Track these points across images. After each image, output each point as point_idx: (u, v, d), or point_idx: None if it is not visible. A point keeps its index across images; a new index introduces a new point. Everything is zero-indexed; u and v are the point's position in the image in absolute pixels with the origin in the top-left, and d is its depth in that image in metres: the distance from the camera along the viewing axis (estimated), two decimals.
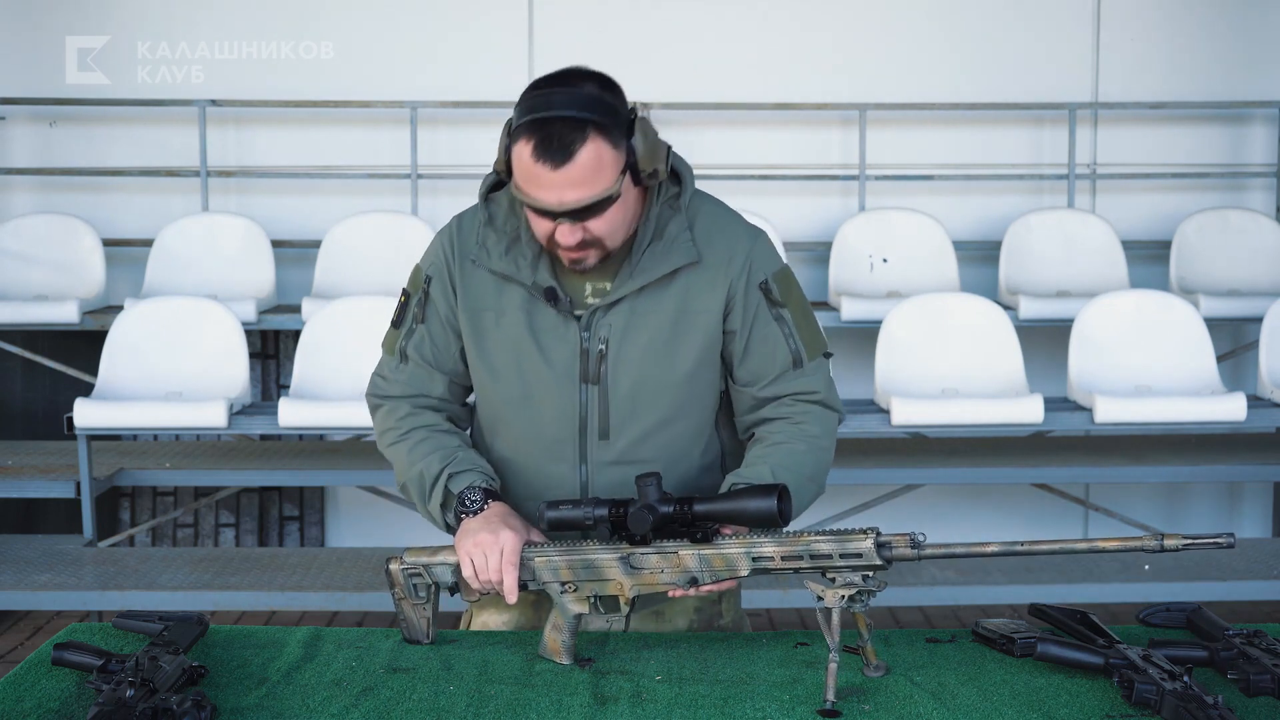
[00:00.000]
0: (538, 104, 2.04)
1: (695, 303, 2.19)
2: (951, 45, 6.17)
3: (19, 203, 6.07)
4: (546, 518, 2.09)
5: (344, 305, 5.06)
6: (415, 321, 2.27)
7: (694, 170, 2.27)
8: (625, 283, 2.17)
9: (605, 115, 2.03)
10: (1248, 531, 6.03)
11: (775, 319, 2.23)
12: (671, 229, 2.18)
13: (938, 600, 4.48)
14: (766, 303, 2.22)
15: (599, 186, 2.04)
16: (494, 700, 1.95)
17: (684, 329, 2.20)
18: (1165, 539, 1.83)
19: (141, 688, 1.82)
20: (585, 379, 2.20)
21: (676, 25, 6.13)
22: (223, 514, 6.00)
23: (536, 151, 2.02)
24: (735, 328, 2.22)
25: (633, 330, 2.18)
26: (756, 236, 2.24)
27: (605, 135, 2.03)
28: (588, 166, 2.02)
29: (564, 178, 2.01)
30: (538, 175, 2.02)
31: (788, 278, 2.26)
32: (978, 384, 4.98)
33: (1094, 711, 1.88)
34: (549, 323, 2.19)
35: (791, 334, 2.24)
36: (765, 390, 2.25)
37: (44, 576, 4.45)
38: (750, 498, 2.00)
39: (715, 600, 2.36)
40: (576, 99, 2.03)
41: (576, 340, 2.19)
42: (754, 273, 2.21)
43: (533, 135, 2.02)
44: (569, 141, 2.01)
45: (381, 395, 2.31)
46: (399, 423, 2.28)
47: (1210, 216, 6.00)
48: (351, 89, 6.02)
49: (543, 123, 2.02)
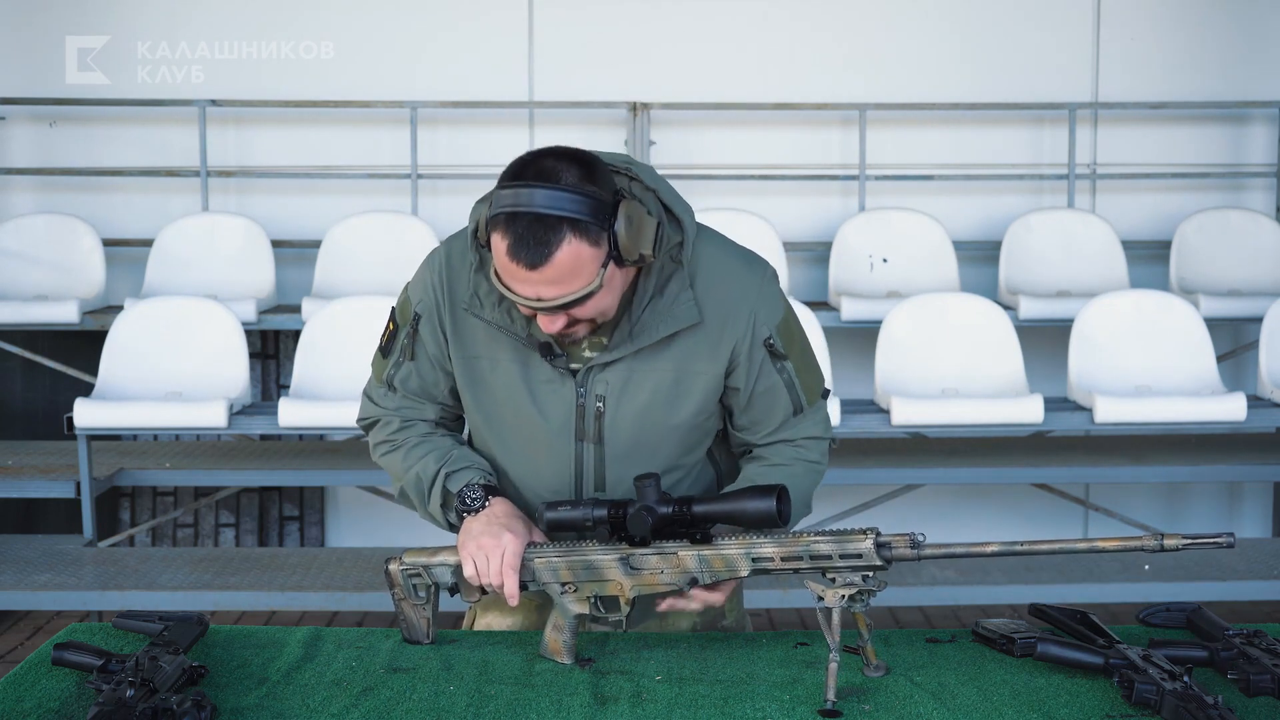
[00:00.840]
0: (515, 199, 1.95)
1: (695, 363, 2.15)
2: (951, 45, 6.17)
3: (19, 203, 6.07)
4: (545, 519, 2.09)
5: (344, 305, 5.06)
6: (403, 356, 2.23)
7: (692, 171, 2.25)
8: (624, 343, 2.12)
9: (584, 211, 1.94)
10: (1248, 531, 6.03)
11: (778, 371, 2.19)
12: (672, 287, 2.11)
13: (938, 600, 4.48)
14: (770, 357, 2.18)
15: (577, 285, 1.97)
16: (494, 700, 1.95)
17: (683, 389, 2.16)
18: (1165, 539, 1.83)
19: (141, 688, 1.82)
20: (581, 437, 2.17)
21: (676, 25, 6.13)
22: (223, 514, 6.00)
23: (511, 251, 1.94)
24: (739, 384, 2.18)
25: (631, 389, 2.15)
26: (761, 284, 2.18)
27: (583, 235, 1.95)
28: (564, 267, 1.95)
29: (540, 277, 1.96)
30: (513, 271, 1.97)
31: (789, 325, 2.21)
32: (978, 384, 4.98)
33: (1094, 711, 1.88)
34: (544, 375, 2.15)
35: (793, 383, 2.21)
36: (766, 438, 2.24)
37: (44, 576, 4.45)
38: (749, 498, 2.00)
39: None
40: (554, 197, 1.93)
41: (572, 396, 2.15)
42: (758, 330, 2.16)
43: (508, 232, 1.95)
44: (545, 243, 1.93)
45: (372, 417, 2.30)
46: (392, 435, 2.26)
47: (1210, 216, 6.00)
48: (351, 89, 6.02)
49: (518, 219, 1.94)
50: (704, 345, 2.15)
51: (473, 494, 2.17)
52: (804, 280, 6.06)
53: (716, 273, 2.16)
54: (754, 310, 2.16)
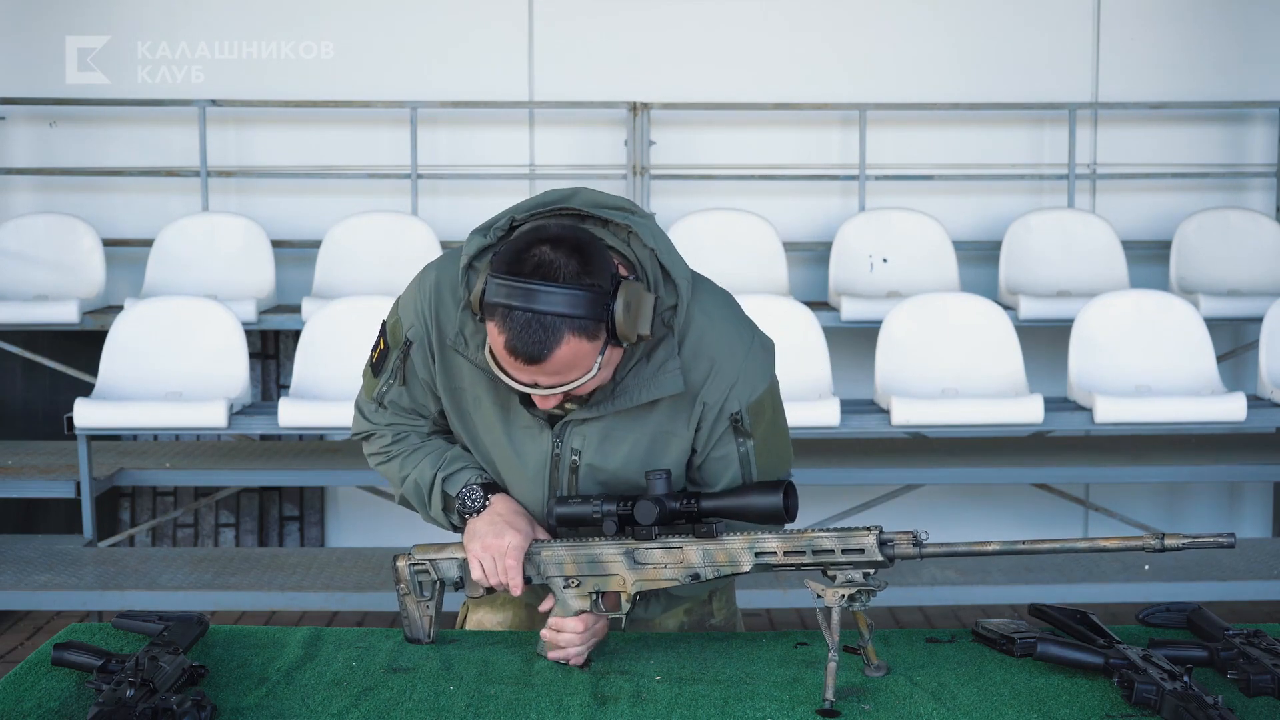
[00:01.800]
0: (512, 295, 1.92)
1: (672, 427, 2.14)
2: (951, 45, 6.17)
3: (19, 203, 6.07)
4: (555, 513, 2.10)
5: (344, 305, 5.06)
6: (394, 379, 2.22)
7: (692, 171, 2.25)
8: (605, 403, 2.10)
9: (582, 308, 1.92)
10: (1248, 531, 6.03)
11: (737, 445, 2.16)
12: (660, 354, 2.08)
13: (938, 600, 4.48)
14: (733, 431, 2.15)
15: (574, 375, 1.97)
16: (494, 700, 1.95)
17: (658, 450, 2.15)
18: (1166, 539, 1.83)
19: (141, 688, 1.82)
20: (555, 487, 2.17)
21: (677, 25, 6.13)
22: (223, 514, 6.00)
23: (509, 346, 1.93)
24: (698, 446, 2.16)
25: (608, 446, 2.14)
26: (746, 358, 2.14)
27: (581, 332, 1.93)
28: (564, 362, 1.95)
29: (538, 370, 1.95)
30: (510, 363, 1.96)
31: (762, 407, 2.16)
32: (978, 384, 4.98)
33: (1094, 711, 1.88)
34: (523, 421, 2.15)
35: (749, 460, 2.17)
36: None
37: (44, 576, 4.44)
38: (756, 493, 2.01)
39: (705, 600, 2.36)
40: (553, 298, 1.90)
41: (549, 446, 2.15)
42: (729, 404, 2.13)
43: (505, 327, 1.93)
44: (542, 342, 1.92)
45: (366, 431, 2.29)
46: (386, 448, 2.26)
47: (1210, 216, 6.00)
48: (351, 89, 6.02)
49: (514, 317, 1.92)
50: (682, 411, 2.13)
51: (472, 495, 2.17)
52: (804, 280, 6.06)
53: (705, 341, 2.11)
54: (731, 387, 2.12)
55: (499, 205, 2.19)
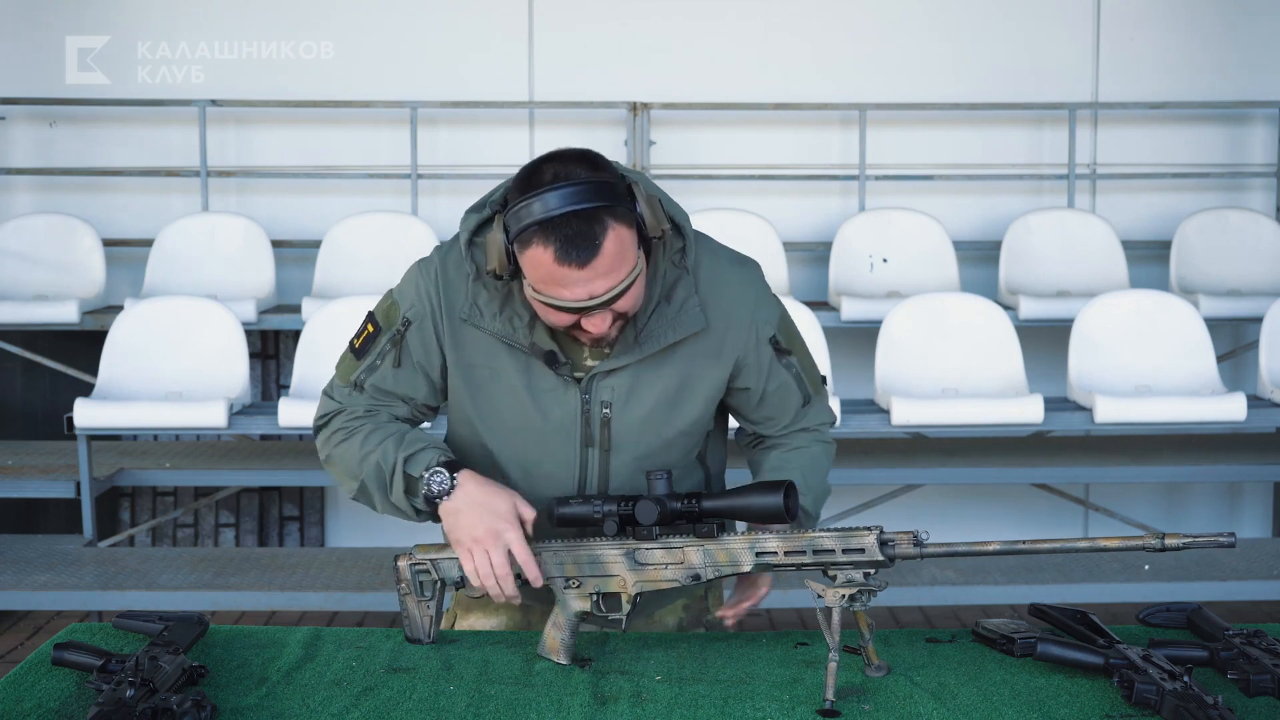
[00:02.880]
0: (543, 206, 1.93)
1: (699, 368, 2.16)
2: (952, 45, 6.17)
3: (19, 203, 6.07)
4: (556, 514, 2.10)
5: (344, 305, 5.06)
6: (380, 360, 2.19)
7: (692, 171, 2.26)
8: (630, 349, 2.12)
9: (611, 196, 1.95)
10: (1248, 531, 6.03)
11: (786, 367, 2.23)
12: (679, 293, 2.12)
13: (938, 600, 4.48)
14: (776, 354, 2.21)
15: (625, 270, 1.97)
16: (494, 700, 1.95)
17: (686, 394, 2.18)
18: (1166, 538, 1.83)
19: (141, 688, 1.82)
20: (587, 443, 2.17)
21: (676, 25, 6.13)
22: (223, 514, 6.00)
23: (560, 254, 1.92)
24: (749, 384, 2.21)
25: (636, 396, 2.15)
26: (756, 285, 2.21)
27: (620, 218, 1.95)
28: (614, 255, 1.95)
29: (592, 272, 1.94)
30: (563, 276, 1.94)
31: (787, 320, 2.25)
32: (978, 384, 4.98)
33: (1094, 711, 1.88)
34: (548, 383, 2.14)
35: (800, 377, 2.25)
36: (780, 430, 2.29)
37: (44, 576, 4.45)
38: (757, 493, 2.02)
39: (702, 595, 2.37)
40: (580, 191, 1.93)
41: (577, 403, 2.15)
42: (761, 331, 2.19)
43: (549, 238, 1.93)
44: (590, 235, 1.92)
45: (332, 412, 2.23)
46: (348, 422, 2.20)
47: (1210, 216, 6.00)
48: (351, 89, 6.02)
49: (554, 223, 1.92)
50: (707, 350, 2.16)
51: (437, 478, 2.10)
52: (804, 280, 6.06)
53: (716, 278, 2.17)
54: (754, 312, 2.19)
55: None
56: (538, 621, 2.29)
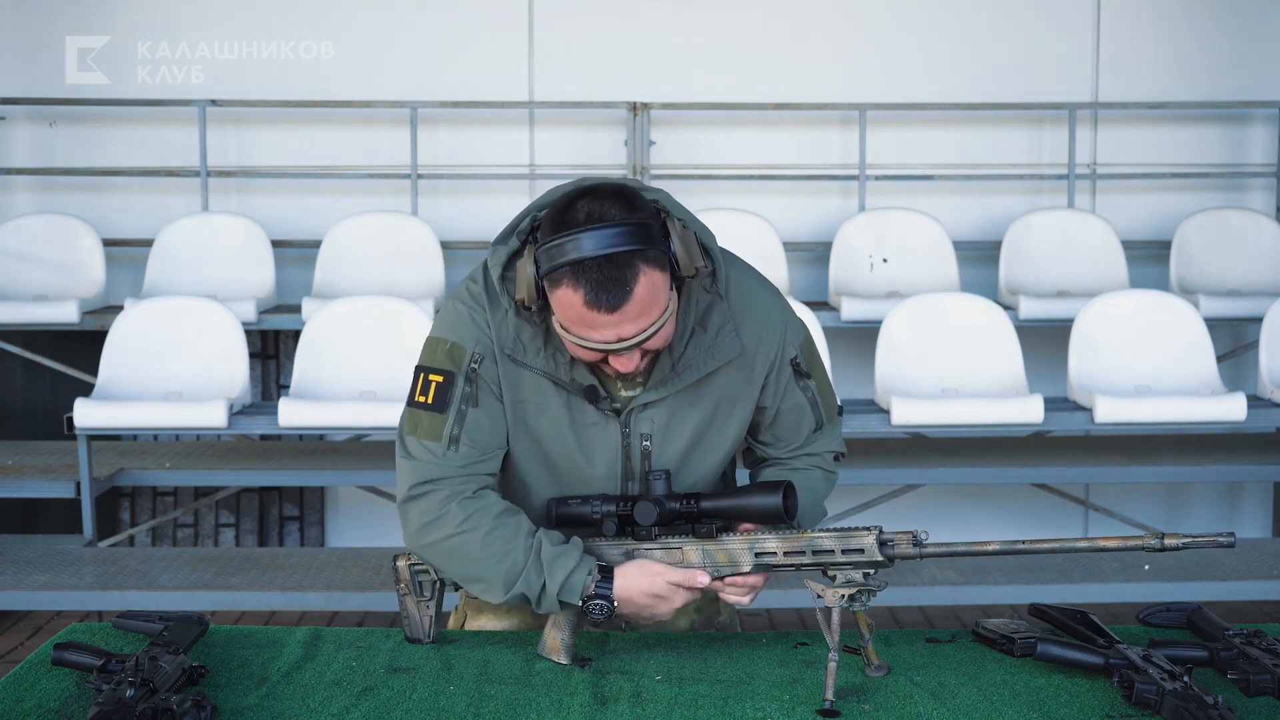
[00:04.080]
0: (576, 248, 1.90)
1: (733, 391, 2.16)
2: (952, 45, 6.17)
3: (19, 203, 6.07)
4: (554, 514, 2.10)
5: (344, 305, 5.06)
6: (464, 404, 2.09)
7: (692, 171, 2.26)
8: (669, 380, 2.10)
9: (645, 239, 1.92)
10: (1248, 531, 6.03)
11: (802, 390, 2.23)
12: (715, 319, 2.10)
13: (938, 600, 4.48)
14: (795, 376, 2.21)
15: (656, 314, 1.96)
16: (494, 700, 1.95)
17: (722, 418, 2.17)
18: (1165, 538, 1.83)
19: (141, 688, 1.82)
20: (629, 477, 2.16)
21: (676, 25, 6.13)
22: (223, 514, 6.00)
23: (589, 299, 1.90)
24: (766, 403, 2.21)
25: (674, 426, 2.14)
26: (785, 306, 2.21)
27: (652, 262, 1.93)
28: (644, 300, 1.93)
29: (621, 317, 1.92)
30: (593, 319, 1.92)
31: (810, 346, 2.25)
32: (978, 384, 4.98)
33: (1094, 711, 1.88)
34: (589, 419, 2.12)
35: (816, 401, 2.25)
36: (789, 452, 2.28)
37: (44, 576, 4.44)
38: (756, 493, 2.02)
39: (714, 599, 2.37)
40: (613, 234, 1.90)
41: (617, 437, 2.13)
42: (786, 351, 2.19)
43: (580, 281, 1.90)
44: (622, 281, 1.90)
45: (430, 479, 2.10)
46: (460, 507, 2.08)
47: (1210, 216, 5.99)
48: (351, 89, 6.02)
49: (586, 266, 1.90)
50: (741, 374, 2.16)
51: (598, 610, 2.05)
52: (804, 280, 6.06)
53: (746, 298, 2.16)
54: (783, 332, 2.19)
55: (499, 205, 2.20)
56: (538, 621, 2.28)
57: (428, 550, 2.13)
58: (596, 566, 2.05)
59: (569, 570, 2.04)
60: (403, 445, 2.13)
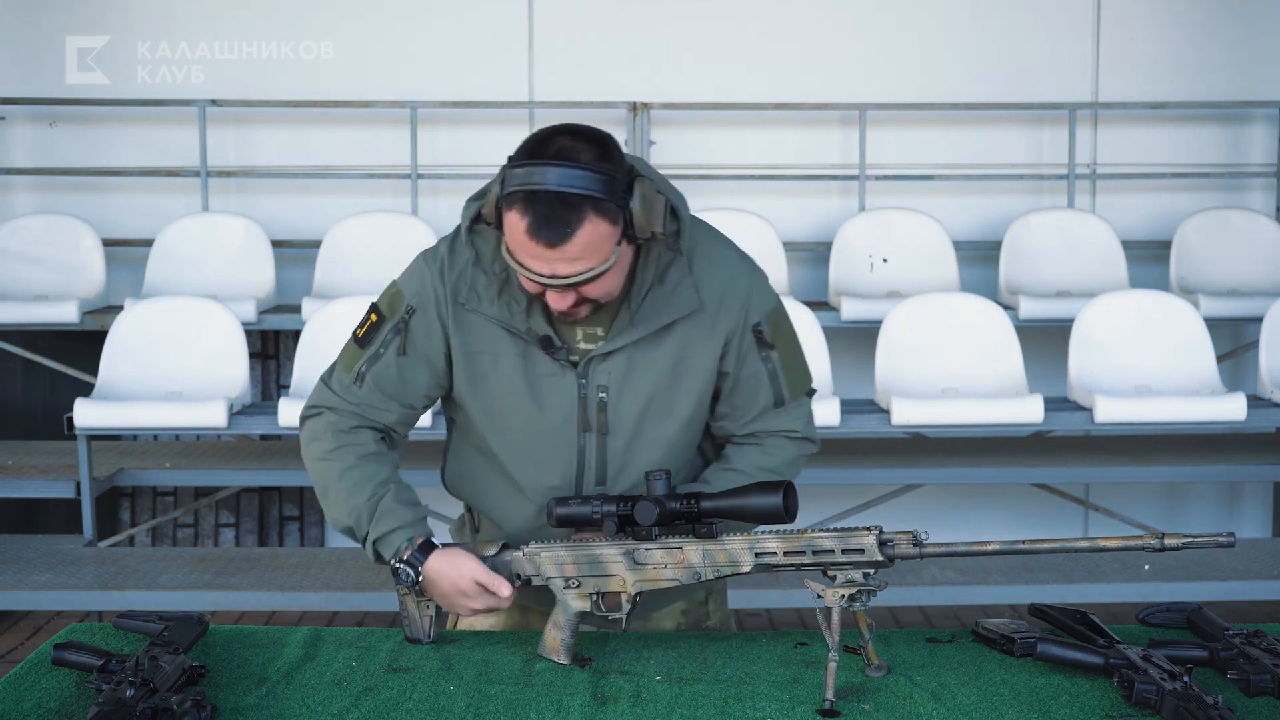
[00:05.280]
0: (534, 177, 1.96)
1: (693, 348, 2.17)
2: (951, 45, 6.17)
3: (19, 203, 6.07)
4: (555, 514, 2.10)
5: (344, 305, 5.06)
6: (384, 348, 2.19)
7: (692, 171, 2.27)
8: (625, 331, 2.13)
9: (602, 189, 1.96)
10: (1248, 531, 6.03)
11: (763, 360, 2.22)
12: (673, 275, 2.13)
13: (938, 600, 4.48)
14: (757, 344, 2.21)
15: (594, 261, 1.99)
16: (494, 700, 1.95)
17: (682, 376, 2.18)
18: (1166, 538, 1.83)
19: (141, 688, 1.82)
20: (585, 428, 2.18)
21: (676, 25, 6.13)
22: (223, 514, 6.00)
23: (531, 229, 1.95)
24: (728, 368, 2.21)
25: (632, 379, 2.16)
26: (753, 273, 2.22)
27: (602, 212, 1.96)
28: (584, 245, 1.96)
29: (558, 254, 1.96)
30: (531, 248, 1.97)
31: (779, 316, 2.24)
32: (978, 384, 4.98)
33: (1094, 711, 1.88)
34: (545, 369, 2.15)
35: (777, 374, 2.23)
36: (745, 427, 2.27)
37: (44, 576, 4.44)
38: (756, 494, 2.02)
39: (703, 601, 2.37)
40: (575, 175, 1.95)
41: (574, 388, 2.16)
42: (750, 316, 2.19)
43: (527, 211, 1.96)
44: (565, 221, 1.94)
45: (325, 405, 2.22)
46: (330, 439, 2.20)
47: (1210, 216, 5.99)
48: (351, 89, 6.02)
49: (538, 198, 1.95)
50: (701, 330, 2.17)
51: (405, 575, 2.15)
52: (804, 280, 6.06)
53: (712, 259, 2.18)
54: (748, 296, 2.19)
55: None
56: (536, 621, 2.29)
57: (308, 462, 2.25)
58: (423, 540, 2.15)
59: (393, 527, 2.16)
60: (329, 366, 2.27)
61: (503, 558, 2.17)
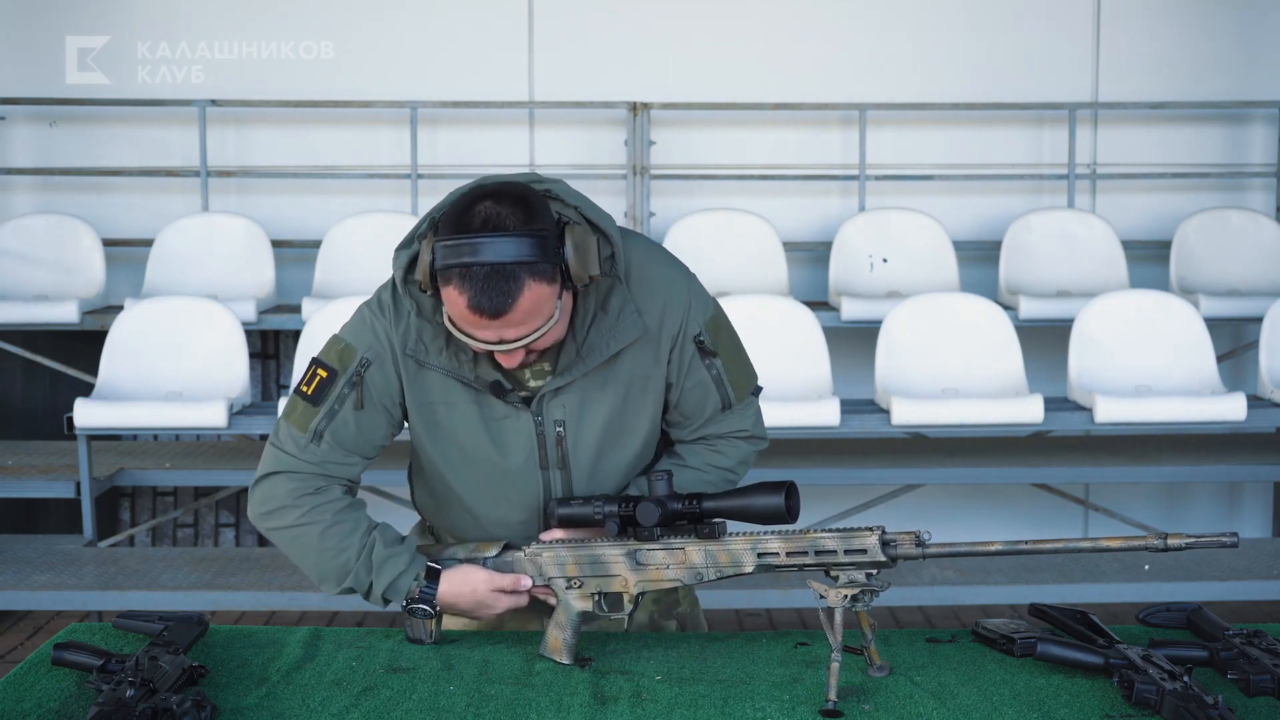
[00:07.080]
0: (466, 252, 1.94)
1: (643, 371, 2.18)
2: (951, 45, 6.17)
3: (19, 203, 6.07)
4: (557, 515, 2.11)
5: (344, 305, 5.05)
6: (339, 404, 2.15)
7: (692, 171, 2.26)
8: (574, 365, 2.12)
9: (536, 253, 1.94)
10: (1248, 531, 6.03)
11: (707, 368, 2.22)
12: (615, 301, 2.12)
13: (938, 600, 4.48)
14: (700, 354, 2.20)
15: (539, 321, 1.99)
16: (494, 700, 1.95)
17: (635, 398, 2.19)
18: (1169, 538, 1.83)
19: (141, 688, 1.82)
20: (545, 465, 2.19)
21: (676, 25, 6.13)
22: (223, 514, 6.00)
23: (472, 304, 1.95)
24: (672, 380, 2.21)
25: (588, 410, 2.17)
26: (689, 283, 2.21)
27: (539, 275, 1.95)
28: (527, 310, 1.96)
29: (503, 323, 1.96)
30: (474, 320, 1.97)
31: (718, 322, 2.24)
32: (978, 384, 4.98)
33: (1094, 711, 1.88)
34: (500, 412, 2.16)
35: (721, 380, 2.23)
36: (695, 433, 2.28)
37: (44, 576, 4.44)
38: (758, 494, 2.02)
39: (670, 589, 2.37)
40: (506, 245, 1.93)
41: (531, 426, 2.17)
42: (689, 327, 2.19)
43: (465, 286, 1.94)
44: (506, 292, 1.94)
45: (279, 469, 2.16)
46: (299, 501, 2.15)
47: (1210, 216, 5.99)
48: (351, 89, 6.02)
49: (473, 272, 1.93)
50: (648, 352, 2.17)
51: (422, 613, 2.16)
52: (804, 280, 6.06)
53: (648, 278, 2.17)
54: (687, 307, 2.19)
55: None
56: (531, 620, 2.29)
57: (269, 533, 2.20)
58: (424, 570, 2.15)
59: (397, 573, 2.15)
60: (275, 428, 2.21)
61: (504, 559, 2.17)
